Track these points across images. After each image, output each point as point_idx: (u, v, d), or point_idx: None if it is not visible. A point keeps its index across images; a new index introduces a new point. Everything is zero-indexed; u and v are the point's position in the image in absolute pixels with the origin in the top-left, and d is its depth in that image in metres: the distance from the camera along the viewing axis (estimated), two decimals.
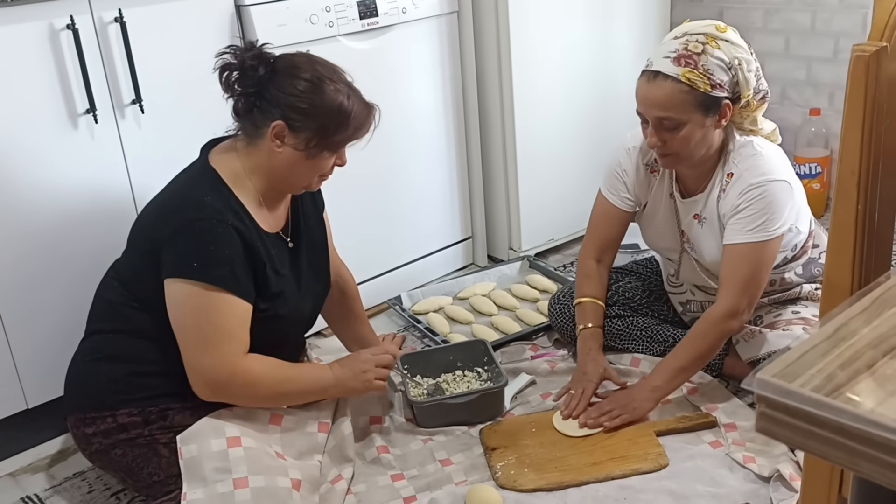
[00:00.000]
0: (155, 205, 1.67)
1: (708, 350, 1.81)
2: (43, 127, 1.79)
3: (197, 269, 1.53)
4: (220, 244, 1.55)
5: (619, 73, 2.70)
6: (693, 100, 1.68)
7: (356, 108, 1.61)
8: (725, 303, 1.77)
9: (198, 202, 1.56)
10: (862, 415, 0.56)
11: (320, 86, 1.58)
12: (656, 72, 1.69)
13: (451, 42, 2.47)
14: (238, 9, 2.01)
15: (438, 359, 2.06)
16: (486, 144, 2.65)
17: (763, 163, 1.76)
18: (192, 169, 1.68)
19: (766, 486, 1.63)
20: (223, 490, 1.51)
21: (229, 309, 1.56)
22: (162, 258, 1.57)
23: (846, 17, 2.82)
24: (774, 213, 1.73)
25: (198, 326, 1.56)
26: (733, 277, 1.77)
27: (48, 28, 1.75)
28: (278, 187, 1.68)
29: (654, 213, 1.97)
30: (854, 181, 1.00)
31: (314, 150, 1.60)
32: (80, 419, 1.64)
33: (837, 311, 0.67)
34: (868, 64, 0.96)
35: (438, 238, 2.65)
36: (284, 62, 1.60)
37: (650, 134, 1.74)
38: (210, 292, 1.54)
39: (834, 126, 2.89)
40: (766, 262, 1.77)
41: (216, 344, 1.55)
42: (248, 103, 1.60)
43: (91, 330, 1.72)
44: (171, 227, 1.56)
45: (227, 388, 1.59)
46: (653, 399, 1.82)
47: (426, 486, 1.71)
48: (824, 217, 2.91)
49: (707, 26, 1.72)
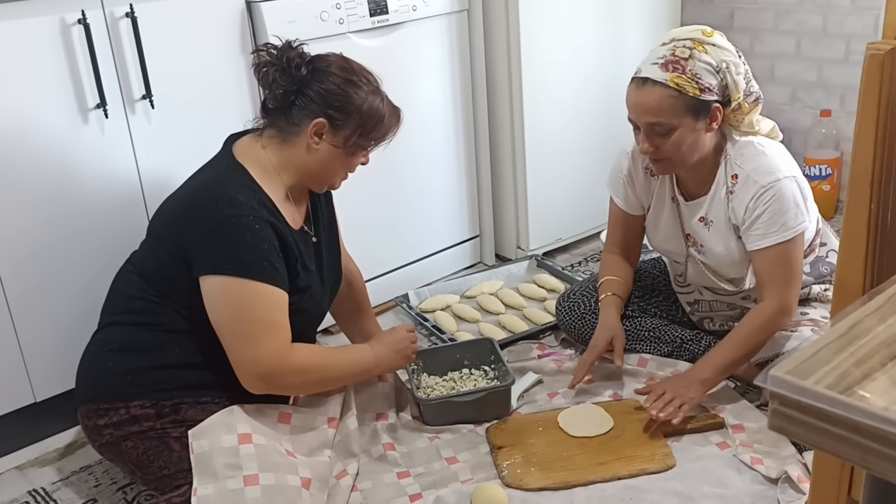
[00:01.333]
0: (181, 199, 1.66)
1: (757, 346, 1.82)
2: (54, 122, 1.80)
3: (236, 265, 1.55)
4: (258, 239, 1.56)
5: (628, 72, 2.65)
6: (682, 104, 1.69)
7: (388, 108, 1.68)
8: (776, 301, 1.78)
9: (231, 198, 1.57)
10: (876, 412, 0.55)
11: (360, 86, 1.64)
12: (645, 78, 1.71)
13: (460, 40, 2.47)
14: (249, 5, 2.02)
15: (446, 357, 2.05)
16: (495, 143, 2.65)
17: (768, 161, 1.77)
18: (219, 163, 1.68)
19: (773, 487, 1.63)
20: (234, 486, 1.51)
21: (270, 299, 1.58)
22: (194, 255, 1.58)
23: (858, 19, 2.81)
24: (791, 209, 1.74)
25: (242, 321, 1.57)
26: (774, 278, 1.78)
27: (59, 23, 1.75)
28: (307, 184, 1.71)
29: (658, 216, 1.97)
30: (867, 180, 1.00)
31: (352, 148, 1.66)
32: (92, 409, 1.64)
33: (851, 309, 0.67)
34: (883, 63, 0.96)
35: (446, 236, 2.65)
36: (323, 62, 1.65)
37: (642, 140, 1.76)
38: (250, 285, 1.56)
39: (844, 128, 2.88)
40: (797, 256, 1.79)
41: (262, 336, 1.57)
42: (286, 100, 1.63)
43: (107, 321, 1.71)
44: (204, 225, 1.57)
45: (277, 378, 1.61)
46: (702, 391, 1.81)
47: (432, 484, 1.70)
48: (835, 219, 2.90)
49: (693, 31, 1.73)
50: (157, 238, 1.68)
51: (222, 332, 1.59)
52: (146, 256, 1.70)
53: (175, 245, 1.61)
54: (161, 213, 1.71)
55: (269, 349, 1.57)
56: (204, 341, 1.63)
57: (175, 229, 1.63)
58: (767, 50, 3.05)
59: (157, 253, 1.66)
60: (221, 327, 1.59)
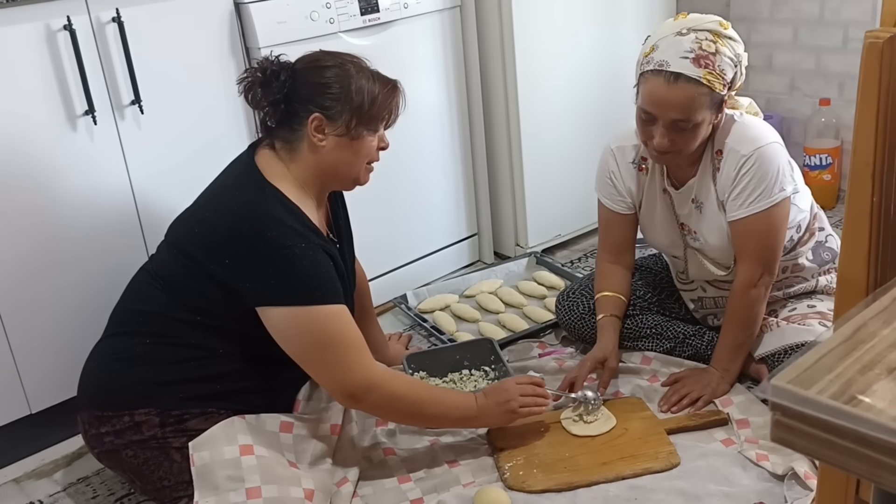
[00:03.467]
0: (216, 220, 1.59)
1: (749, 320, 1.83)
2: (41, 129, 1.77)
3: (301, 294, 1.54)
4: (316, 265, 1.56)
5: (624, 64, 2.65)
6: (710, 101, 1.67)
7: (380, 84, 1.64)
8: (742, 276, 1.80)
9: (278, 227, 1.54)
10: (883, 423, 0.53)
11: (345, 69, 1.61)
12: (677, 73, 1.65)
13: (454, 37, 2.44)
14: (237, 6, 1.99)
15: (445, 358, 2.03)
16: (491, 140, 2.62)
17: (747, 130, 1.76)
18: (249, 179, 1.61)
19: (780, 484, 1.60)
20: (236, 500, 1.49)
21: (341, 318, 1.58)
22: (248, 287, 1.55)
23: (855, 6, 2.77)
24: (772, 177, 1.72)
25: (322, 347, 1.57)
26: (745, 250, 1.79)
27: (45, 29, 1.73)
28: (330, 185, 1.70)
29: (651, 211, 1.94)
30: (869, 172, 0.97)
31: (355, 131, 1.62)
32: (95, 416, 1.62)
33: (855, 312, 0.64)
34: (882, 51, 0.93)
35: (444, 235, 2.62)
36: (303, 61, 1.64)
37: (660, 135, 1.70)
38: (319, 311, 1.56)
39: (844, 116, 2.85)
40: (776, 226, 1.76)
41: (344, 357, 1.58)
42: (278, 111, 1.61)
43: (117, 330, 1.67)
44: (256, 258, 1.54)
45: (367, 397, 1.61)
46: (727, 381, 1.85)
47: (433, 488, 1.68)
48: (836, 209, 2.87)
49: (711, 22, 1.69)
50: (185, 253, 1.62)
51: (304, 360, 1.59)
52: (171, 269, 1.64)
53: (216, 268, 1.57)
54: (188, 226, 1.65)
55: (353, 368, 1.58)
56: (222, 356, 1.62)
57: (216, 255, 1.57)
58: (764, 39, 3.02)
59: (189, 267, 1.61)
60: (301, 356, 1.59)
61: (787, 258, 1.88)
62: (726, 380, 1.86)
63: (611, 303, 1.98)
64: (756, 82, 3.06)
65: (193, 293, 1.61)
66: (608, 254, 2.03)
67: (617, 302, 1.99)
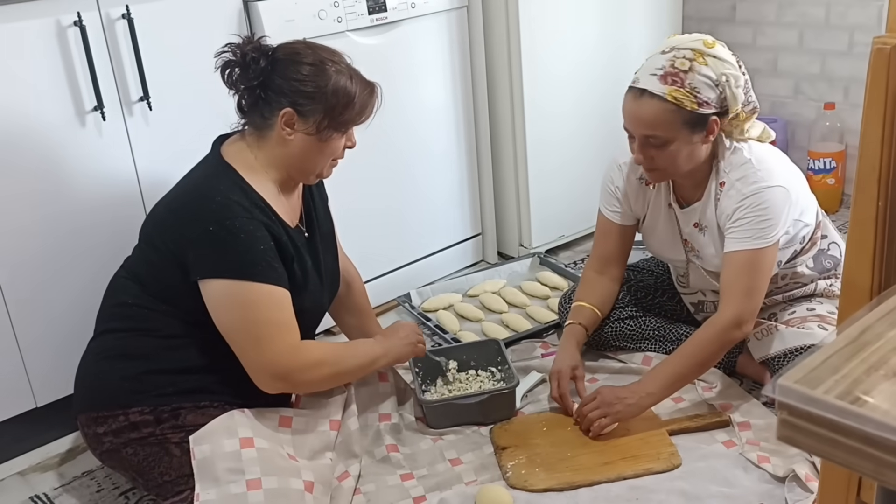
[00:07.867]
0: (173, 202, 1.65)
1: (709, 359, 1.76)
2: (51, 125, 1.78)
3: (235, 268, 1.54)
4: (254, 240, 1.56)
5: (630, 67, 2.63)
6: (680, 118, 1.66)
7: (359, 86, 1.63)
8: (729, 312, 1.73)
9: (222, 200, 1.56)
10: (889, 423, 0.54)
11: (323, 68, 1.60)
12: (642, 89, 1.67)
13: (460, 37, 2.45)
14: (246, 4, 2.00)
15: (452, 358, 2.03)
16: (496, 140, 2.63)
17: (753, 171, 1.73)
18: (208, 165, 1.67)
19: (780, 486, 1.61)
20: (236, 491, 1.50)
21: (274, 299, 1.57)
22: (190, 259, 1.56)
23: (861, 10, 2.78)
24: (771, 219, 1.71)
25: (249, 323, 1.56)
26: (734, 286, 1.74)
27: (55, 25, 1.73)
28: (294, 176, 1.69)
29: (655, 224, 1.95)
30: (874, 177, 0.98)
31: (325, 132, 1.62)
32: (91, 418, 1.63)
33: (861, 314, 0.65)
34: (889, 57, 0.94)
35: (448, 235, 2.63)
36: (284, 51, 1.62)
37: (636, 151, 1.72)
38: (252, 287, 1.55)
39: (849, 120, 2.85)
40: (764, 268, 1.74)
41: (271, 336, 1.57)
42: (252, 96, 1.61)
43: (102, 329, 1.70)
44: (199, 228, 1.55)
45: (292, 376, 1.61)
46: (643, 406, 1.76)
47: (436, 486, 1.69)
48: (839, 213, 2.88)
49: (694, 41, 1.68)
50: (149, 243, 1.67)
51: (231, 336, 1.58)
52: (139, 261, 1.69)
53: (169, 249, 1.60)
54: (152, 217, 1.69)
55: (280, 348, 1.57)
56: (201, 345, 1.62)
57: (168, 233, 1.61)
58: (770, 42, 3.03)
59: (151, 257, 1.65)
60: (229, 331, 1.58)
61: (786, 267, 1.88)
62: (644, 404, 1.76)
63: (583, 314, 1.99)
64: (761, 85, 3.07)
65: (156, 281, 1.63)
66: (597, 262, 2.03)
67: (590, 314, 1.99)
